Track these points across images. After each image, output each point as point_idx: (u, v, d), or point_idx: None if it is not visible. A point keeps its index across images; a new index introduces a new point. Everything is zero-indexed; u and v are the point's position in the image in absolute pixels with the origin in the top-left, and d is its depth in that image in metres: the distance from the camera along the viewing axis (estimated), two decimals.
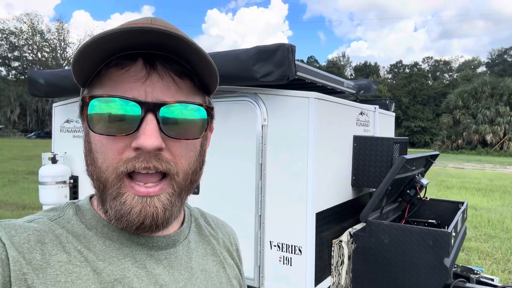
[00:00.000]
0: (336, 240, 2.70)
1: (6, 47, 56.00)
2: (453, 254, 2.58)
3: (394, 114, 4.19)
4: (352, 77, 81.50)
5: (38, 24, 58.84)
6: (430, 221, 3.55)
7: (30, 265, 0.50)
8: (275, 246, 2.56)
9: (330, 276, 2.72)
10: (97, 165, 0.56)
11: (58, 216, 0.59)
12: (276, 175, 2.56)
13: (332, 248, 2.71)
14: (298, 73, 2.83)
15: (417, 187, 3.16)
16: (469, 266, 3.33)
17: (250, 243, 2.62)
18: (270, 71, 2.40)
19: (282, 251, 2.53)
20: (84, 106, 0.55)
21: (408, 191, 3.22)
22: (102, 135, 0.54)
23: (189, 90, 0.58)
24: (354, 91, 3.95)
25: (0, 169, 15.00)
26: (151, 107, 0.53)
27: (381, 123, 3.73)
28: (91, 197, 0.64)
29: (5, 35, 55.25)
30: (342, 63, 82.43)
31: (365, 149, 3.00)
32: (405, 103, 63.82)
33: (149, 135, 0.52)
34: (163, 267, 0.61)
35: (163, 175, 0.56)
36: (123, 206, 0.54)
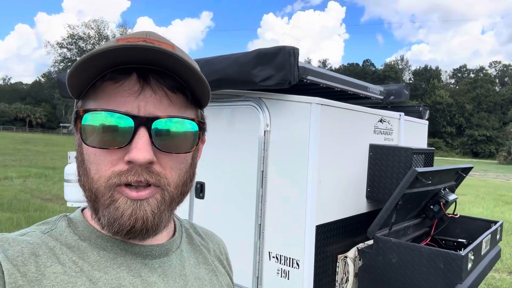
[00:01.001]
0: (341, 255, 2.53)
1: (75, 51, 60.27)
2: (471, 280, 2.31)
3: (427, 122, 3.88)
4: (410, 81, 78.10)
5: (104, 30, 62.81)
6: (460, 240, 3.23)
7: (25, 277, 0.51)
8: (273, 257, 2.45)
9: None
10: (89, 176, 0.57)
11: (50, 229, 0.60)
12: (277, 183, 2.45)
13: (338, 264, 2.54)
14: (310, 77, 2.71)
15: (441, 203, 2.88)
16: None
17: (249, 253, 2.53)
18: (270, 75, 2.30)
19: (280, 263, 2.42)
20: (77, 119, 0.56)
21: (432, 207, 2.95)
22: (96, 148, 0.55)
23: (182, 105, 0.59)
24: (381, 97, 3.72)
25: (61, 165, 16.13)
26: (144, 121, 0.54)
27: (409, 132, 3.47)
28: (82, 209, 0.65)
29: (75, 40, 59.53)
30: (400, 66, 79.18)
31: (381, 159, 2.79)
32: (468, 110, 59.95)
33: (141, 149, 0.53)
34: (158, 275, 0.62)
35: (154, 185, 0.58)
36: (116, 211, 0.55)
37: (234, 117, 2.65)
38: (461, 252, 2.17)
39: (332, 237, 2.50)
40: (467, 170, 3.27)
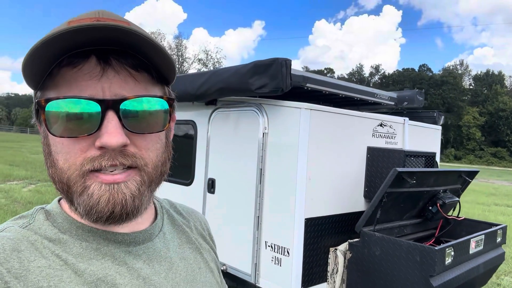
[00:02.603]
0: (333, 248, 2.75)
1: None
2: (452, 275, 2.44)
3: (440, 127, 3.96)
4: (471, 87, 73.84)
5: (161, 41, 66.23)
6: None
7: (10, 273, 0.50)
8: (269, 246, 2.73)
9: (326, 283, 2.78)
10: (57, 167, 0.55)
11: (28, 223, 0.58)
12: (273, 180, 2.74)
13: (329, 256, 2.77)
14: (310, 85, 2.98)
15: (439, 204, 3.00)
16: None
17: (249, 242, 2.83)
18: (265, 83, 2.61)
19: (274, 251, 2.69)
20: (40, 110, 0.54)
21: (430, 208, 3.07)
22: (63, 138, 0.53)
23: (148, 83, 0.57)
24: (392, 103, 3.86)
25: None
26: (111, 104, 0.52)
27: (417, 136, 3.59)
28: (59, 200, 0.63)
29: None
30: (459, 71, 75.19)
31: (377, 161, 2.98)
32: None
33: (112, 132, 0.51)
34: (143, 261, 0.62)
35: (130, 167, 0.56)
36: (91, 198, 0.53)
37: (239, 120, 2.98)
38: (435, 246, 2.32)
39: (324, 230, 2.73)
40: (472, 175, 3.33)
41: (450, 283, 2.41)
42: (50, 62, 0.52)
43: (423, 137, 3.72)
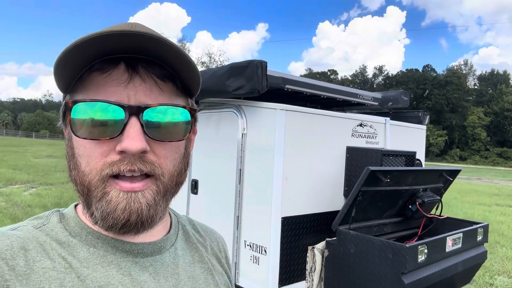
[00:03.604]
0: (311, 246, 2.79)
1: None
2: (427, 273, 2.47)
3: (424, 127, 3.99)
4: (475, 87, 73.44)
5: None
6: None
7: (14, 271, 0.51)
8: (248, 245, 2.78)
9: (305, 281, 2.81)
10: (80, 170, 0.56)
11: (42, 224, 0.60)
12: (252, 180, 2.78)
13: (308, 254, 2.80)
14: (289, 87, 3.03)
15: (417, 203, 3.03)
16: None
17: (229, 242, 2.88)
18: (241, 85, 2.66)
19: (252, 250, 2.74)
20: (66, 111, 0.55)
21: (410, 206, 3.10)
22: (86, 139, 0.54)
23: (172, 93, 0.58)
24: (376, 103, 3.90)
25: None
26: (135, 110, 0.54)
27: (400, 136, 3.63)
28: (76, 206, 0.65)
29: None
30: (464, 71, 74.83)
31: (356, 160, 3.01)
32: None
33: (133, 138, 0.53)
34: (149, 274, 0.61)
35: (148, 175, 0.57)
36: (109, 204, 0.54)
37: (220, 122, 3.03)
38: (406, 244, 2.35)
39: (301, 229, 2.77)
40: (454, 174, 3.35)
41: (424, 280, 2.43)
42: (82, 66, 0.54)
43: (407, 137, 3.75)
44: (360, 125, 3.21)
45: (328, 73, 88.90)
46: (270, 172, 2.63)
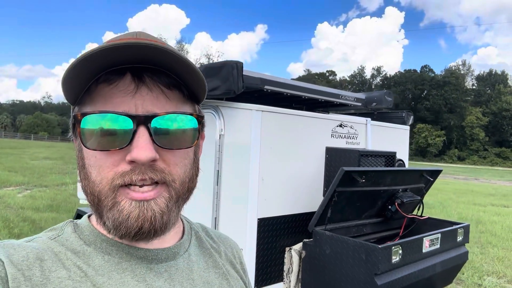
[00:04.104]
0: (288, 247, 2.78)
1: None
2: (402, 274, 2.46)
3: (408, 127, 3.98)
4: (474, 87, 73.54)
5: None
6: None
7: (30, 281, 0.52)
8: None
9: (282, 282, 2.80)
10: (90, 180, 0.57)
11: (57, 235, 0.61)
12: (229, 181, 2.78)
13: (285, 255, 2.80)
14: (268, 87, 3.02)
15: (397, 203, 3.02)
16: None
17: None
18: (217, 86, 2.66)
19: None
20: (76, 124, 0.56)
21: (389, 207, 3.09)
22: (96, 150, 0.55)
23: (179, 101, 0.59)
24: (359, 104, 3.89)
25: None
26: (143, 120, 0.54)
27: (383, 136, 3.62)
28: (89, 216, 0.66)
29: None
30: (462, 72, 74.92)
31: (335, 161, 3.01)
32: None
33: (143, 147, 0.53)
34: (164, 280, 0.61)
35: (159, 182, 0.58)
36: (121, 213, 0.55)
37: None
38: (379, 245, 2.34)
39: (279, 230, 2.76)
40: (435, 174, 3.35)
41: (399, 281, 2.43)
42: (89, 78, 0.55)
43: (390, 137, 3.75)
44: (340, 125, 3.20)
45: (327, 74, 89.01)
46: (246, 173, 2.62)
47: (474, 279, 5.38)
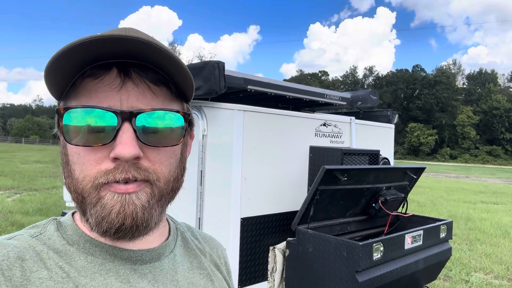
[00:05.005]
0: (272, 247, 2.79)
1: None
2: (384, 271, 2.48)
3: (393, 126, 4.02)
4: (464, 86, 74.25)
5: None
6: None
7: (10, 282, 0.50)
8: None
9: (267, 281, 2.81)
10: (74, 177, 0.56)
11: (39, 232, 0.59)
12: (212, 181, 2.78)
13: (269, 254, 2.80)
14: (252, 87, 3.03)
15: (380, 201, 3.04)
16: None
17: None
18: (198, 86, 2.66)
19: None
20: (59, 118, 0.55)
21: (373, 205, 3.12)
22: (79, 146, 0.54)
23: (166, 98, 0.58)
24: (344, 103, 3.91)
25: None
26: (127, 116, 0.53)
27: (367, 135, 3.65)
28: (73, 214, 0.64)
29: None
30: (452, 71, 75.60)
31: (319, 160, 3.02)
32: None
33: (126, 144, 0.52)
34: (148, 281, 0.60)
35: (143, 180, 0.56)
36: (104, 208, 0.53)
37: None
38: (360, 242, 2.36)
39: (262, 229, 2.77)
40: (419, 172, 3.38)
41: (380, 278, 2.44)
42: (74, 72, 0.53)
43: (375, 136, 3.77)
44: (324, 124, 3.22)
45: (320, 74, 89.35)
46: (229, 173, 2.63)
47: (461, 276, 5.44)
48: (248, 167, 2.67)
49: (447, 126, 64.29)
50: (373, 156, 3.25)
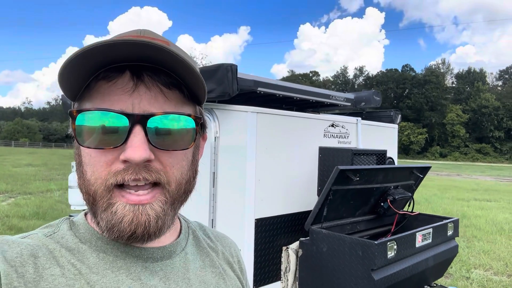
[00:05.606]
0: (285, 247, 2.83)
1: None
2: (397, 268, 2.52)
3: (396, 126, 4.08)
4: (453, 85, 75.12)
5: None
6: None
7: (23, 278, 0.51)
8: None
9: (280, 281, 2.84)
10: (86, 178, 0.56)
11: (53, 232, 0.60)
12: (225, 183, 2.80)
13: (282, 254, 2.84)
14: (261, 89, 3.06)
15: (389, 200, 3.10)
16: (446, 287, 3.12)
17: None
18: (211, 89, 2.68)
19: None
20: (72, 120, 0.55)
21: (382, 204, 3.17)
22: (91, 149, 0.55)
23: (178, 101, 0.58)
24: (349, 104, 3.96)
25: None
26: (138, 119, 0.54)
27: (373, 135, 3.70)
28: (85, 213, 0.65)
29: None
30: (442, 70, 76.46)
31: (328, 160, 3.06)
32: None
33: (137, 147, 0.52)
34: (159, 278, 0.61)
35: (155, 184, 0.56)
36: (114, 216, 0.54)
37: None
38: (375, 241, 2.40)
39: (275, 230, 2.80)
40: (424, 171, 3.44)
41: (395, 276, 2.49)
42: (88, 74, 0.54)
43: (379, 136, 3.83)
44: (332, 125, 3.27)
45: (310, 75, 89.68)
46: (243, 174, 2.65)
47: (462, 273, 5.53)
48: (261, 168, 2.70)
49: (437, 125, 65.04)
50: (381, 156, 3.30)
